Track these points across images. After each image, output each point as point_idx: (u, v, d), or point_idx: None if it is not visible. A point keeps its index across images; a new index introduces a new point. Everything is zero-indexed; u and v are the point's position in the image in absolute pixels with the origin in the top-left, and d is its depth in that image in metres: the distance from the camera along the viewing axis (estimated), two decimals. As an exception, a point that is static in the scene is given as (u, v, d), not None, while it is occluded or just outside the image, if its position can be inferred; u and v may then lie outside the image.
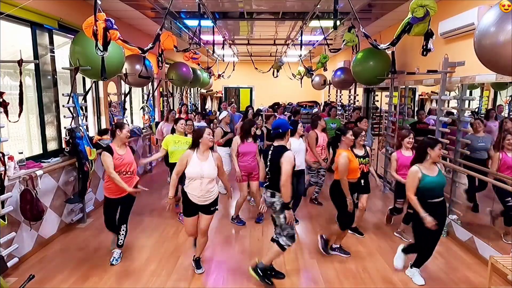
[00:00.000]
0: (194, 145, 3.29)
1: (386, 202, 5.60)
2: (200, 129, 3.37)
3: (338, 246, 3.93)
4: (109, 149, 3.52)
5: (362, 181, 4.07)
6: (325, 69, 7.60)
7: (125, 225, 3.76)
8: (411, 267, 3.43)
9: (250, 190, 4.71)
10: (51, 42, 4.44)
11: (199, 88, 12.67)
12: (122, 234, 3.74)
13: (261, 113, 6.39)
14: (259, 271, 3.27)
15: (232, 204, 5.15)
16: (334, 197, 3.80)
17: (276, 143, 3.26)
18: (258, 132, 4.97)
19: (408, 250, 3.50)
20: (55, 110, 4.58)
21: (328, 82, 9.52)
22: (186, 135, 4.73)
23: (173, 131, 4.87)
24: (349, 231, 4.11)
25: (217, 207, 3.41)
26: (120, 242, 3.74)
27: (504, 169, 3.74)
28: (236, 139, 4.65)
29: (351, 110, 7.96)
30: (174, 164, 3.91)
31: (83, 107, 4.75)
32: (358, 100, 8.23)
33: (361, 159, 4.05)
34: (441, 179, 3.23)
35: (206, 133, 3.26)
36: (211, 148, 3.34)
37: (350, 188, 3.63)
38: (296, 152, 4.12)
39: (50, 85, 4.49)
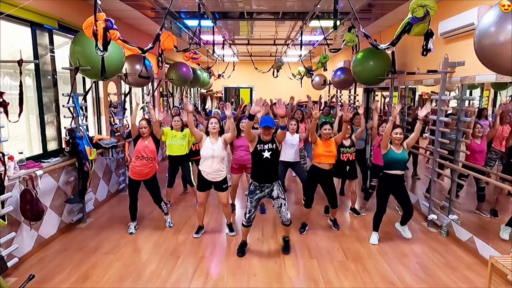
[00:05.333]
0: (207, 133, 4.06)
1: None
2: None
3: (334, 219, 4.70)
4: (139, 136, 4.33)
5: (348, 167, 4.77)
6: (325, 69, 7.58)
7: (162, 201, 4.54)
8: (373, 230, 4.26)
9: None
10: (51, 42, 4.44)
11: (199, 88, 12.67)
12: (164, 207, 4.57)
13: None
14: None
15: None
16: (331, 182, 4.36)
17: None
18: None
19: (404, 221, 4.23)
20: (55, 110, 4.58)
21: (328, 82, 9.52)
22: (182, 130, 5.01)
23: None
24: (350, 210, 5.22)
25: (229, 185, 4.17)
26: (166, 211, 4.62)
27: (472, 153, 4.28)
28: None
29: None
30: (172, 156, 5.00)
31: (83, 107, 4.76)
32: (358, 100, 8.22)
33: (347, 148, 4.73)
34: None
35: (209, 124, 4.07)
36: (220, 133, 4.03)
37: (334, 173, 4.44)
38: (293, 145, 4.91)
39: (50, 85, 4.48)
